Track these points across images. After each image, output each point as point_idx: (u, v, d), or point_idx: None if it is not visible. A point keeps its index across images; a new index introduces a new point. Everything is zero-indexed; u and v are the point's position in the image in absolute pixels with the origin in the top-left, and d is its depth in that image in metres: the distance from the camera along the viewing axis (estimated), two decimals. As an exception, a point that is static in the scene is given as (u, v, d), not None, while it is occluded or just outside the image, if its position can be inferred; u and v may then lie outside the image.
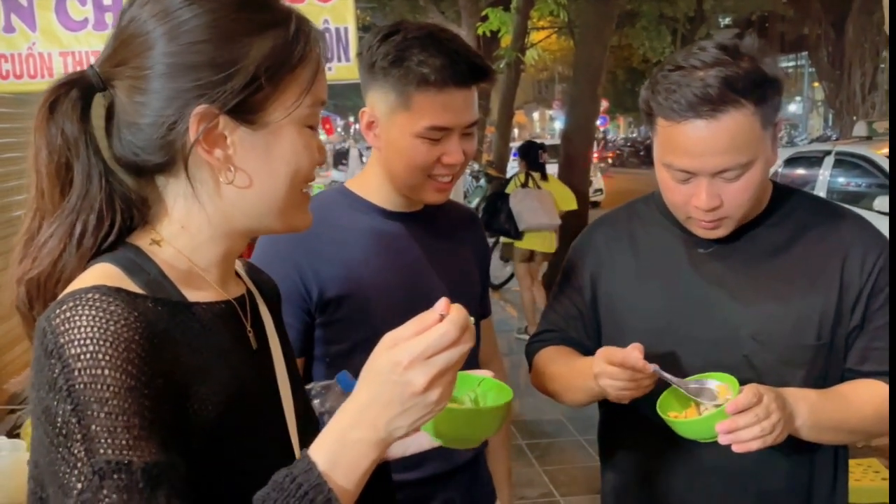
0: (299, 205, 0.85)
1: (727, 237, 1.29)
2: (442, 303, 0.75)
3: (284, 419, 0.87)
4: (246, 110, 0.78)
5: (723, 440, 1.11)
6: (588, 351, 1.37)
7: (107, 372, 0.67)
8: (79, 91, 0.79)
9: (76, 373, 0.67)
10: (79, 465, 0.66)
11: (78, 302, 0.70)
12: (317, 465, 0.70)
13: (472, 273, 1.54)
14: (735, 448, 1.11)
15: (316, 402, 1.07)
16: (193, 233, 0.82)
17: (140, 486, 0.66)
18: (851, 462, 1.41)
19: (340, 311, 1.34)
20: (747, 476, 1.29)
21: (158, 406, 0.70)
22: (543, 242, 6.48)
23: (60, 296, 0.72)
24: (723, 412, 1.11)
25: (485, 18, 10.08)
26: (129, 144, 0.80)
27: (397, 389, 0.71)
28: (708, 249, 1.31)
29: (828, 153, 7.31)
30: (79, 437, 0.66)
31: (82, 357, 0.67)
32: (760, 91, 1.17)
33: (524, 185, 6.44)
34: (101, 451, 0.66)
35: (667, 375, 1.18)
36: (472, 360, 1.50)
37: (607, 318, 1.40)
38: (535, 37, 12.66)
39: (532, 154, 6.52)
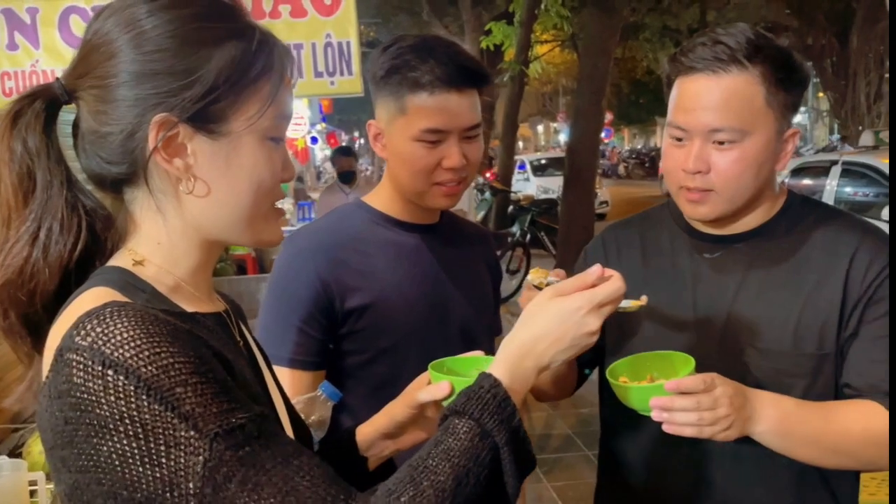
0: (267, 218, 0.86)
1: (734, 242, 1.28)
2: (597, 268, 0.91)
3: (282, 424, 0.89)
4: (206, 119, 0.78)
5: (655, 416, 1.06)
6: (585, 358, 1.36)
7: (171, 360, 0.69)
8: (43, 103, 0.80)
9: (143, 370, 0.68)
10: (192, 441, 0.68)
11: (101, 317, 0.70)
12: (502, 382, 0.83)
13: (486, 287, 1.56)
14: (665, 428, 1.07)
15: (301, 415, 1.07)
16: (169, 248, 0.83)
17: (256, 436, 0.70)
18: (866, 476, 1.36)
19: (363, 321, 1.35)
20: (749, 492, 1.26)
21: (225, 379, 0.73)
22: None
23: (75, 320, 0.71)
24: (662, 387, 1.06)
25: (488, 32, 10.12)
26: (93, 156, 0.81)
27: (572, 329, 0.87)
28: (713, 255, 1.30)
29: (834, 163, 7.28)
30: (177, 421, 0.68)
31: (140, 356, 0.68)
32: (771, 63, 1.17)
33: None
34: (205, 424, 0.68)
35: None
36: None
37: (612, 322, 1.37)
38: (538, 50, 12.69)
39: None
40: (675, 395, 1.05)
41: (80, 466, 0.70)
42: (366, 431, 1.09)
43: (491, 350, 1.55)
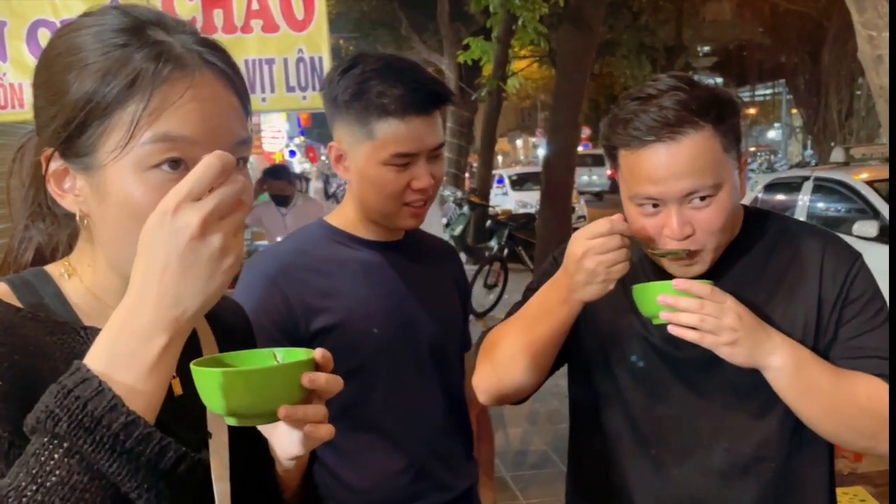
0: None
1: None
2: (211, 156, 0.66)
3: (209, 472, 0.80)
4: (77, 153, 0.76)
5: (663, 315, 1.12)
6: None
7: None
8: None
9: None
10: None
11: None
12: (84, 366, 0.63)
13: (454, 302, 1.56)
14: (670, 329, 1.12)
15: None
16: (96, 269, 0.83)
17: None
18: (837, 490, 1.37)
19: (329, 341, 1.33)
20: None
21: (4, 392, 0.68)
22: None
23: None
24: (671, 286, 1.12)
25: (466, 48, 10.17)
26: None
27: (171, 242, 0.63)
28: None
29: (806, 179, 7.38)
30: None
31: None
32: (717, 112, 1.17)
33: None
34: None
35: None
36: (459, 394, 1.51)
37: (586, 323, 1.35)
38: (516, 65, 12.77)
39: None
40: (680, 296, 1.11)
41: None
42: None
43: (460, 367, 1.54)
